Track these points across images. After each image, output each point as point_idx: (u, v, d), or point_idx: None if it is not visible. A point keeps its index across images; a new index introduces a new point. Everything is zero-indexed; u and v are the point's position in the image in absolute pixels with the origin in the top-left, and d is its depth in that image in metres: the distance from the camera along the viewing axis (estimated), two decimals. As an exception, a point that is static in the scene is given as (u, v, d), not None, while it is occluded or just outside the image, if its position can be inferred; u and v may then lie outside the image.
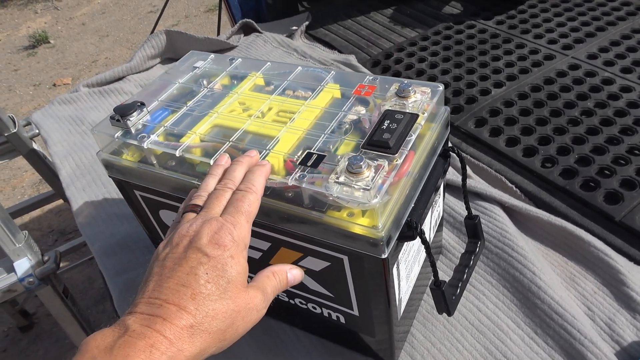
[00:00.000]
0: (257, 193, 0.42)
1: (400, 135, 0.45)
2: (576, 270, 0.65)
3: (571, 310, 0.58)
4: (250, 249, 0.54)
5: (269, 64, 0.61)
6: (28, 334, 1.70)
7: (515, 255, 0.64)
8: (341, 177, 0.43)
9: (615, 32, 1.06)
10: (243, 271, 0.39)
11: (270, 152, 0.48)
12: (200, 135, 0.52)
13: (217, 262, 0.37)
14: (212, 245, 0.37)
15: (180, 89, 0.60)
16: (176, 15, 3.50)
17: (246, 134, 0.51)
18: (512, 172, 0.81)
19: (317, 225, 0.44)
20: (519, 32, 1.12)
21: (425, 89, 0.51)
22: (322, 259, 0.48)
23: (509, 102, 0.92)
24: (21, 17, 3.90)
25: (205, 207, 0.41)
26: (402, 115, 0.47)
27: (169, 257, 0.38)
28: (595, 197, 0.73)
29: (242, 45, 1.25)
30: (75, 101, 1.16)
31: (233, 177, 0.44)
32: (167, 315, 0.34)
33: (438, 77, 1.02)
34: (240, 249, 0.39)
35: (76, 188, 0.91)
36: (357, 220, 0.43)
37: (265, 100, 0.55)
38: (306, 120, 0.51)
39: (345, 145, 0.48)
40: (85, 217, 0.86)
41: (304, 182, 0.44)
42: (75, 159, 0.98)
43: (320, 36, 1.26)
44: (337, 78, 0.57)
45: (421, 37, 1.17)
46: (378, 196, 0.41)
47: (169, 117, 0.55)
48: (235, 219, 0.40)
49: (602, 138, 0.82)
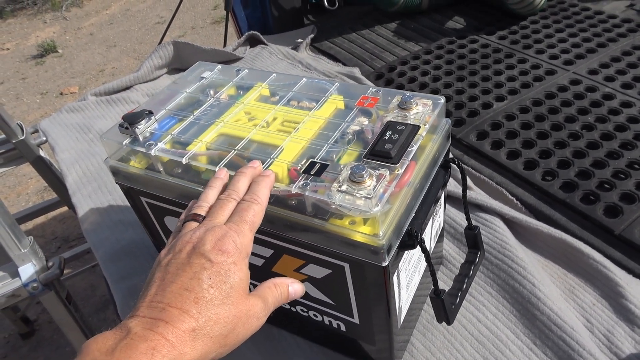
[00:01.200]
0: (262, 204, 0.43)
1: (401, 146, 0.47)
2: (575, 282, 0.65)
3: (570, 322, 0.59)
4: (252, 256, 0.55)
5: (274, 75, 0.62)
6: (29, 340, 1.70)
7: (515, 267, 0.65)
8: (343, 185, 0.44)
9: (616, 49, 1.07)
10: (245, 278, 0.39)
11: (275, 161, 0.49)
12: (206, 144, 0.53)
13: (220, 267, 0.38)
14: (215, 251, 0.38)
15: (187, 99, 0.61)
16: (183, 26, 3.55)
17: (251, 142, 0.52)
18: (513, 184, 0.82)
19: (320, 233, 0.45)
20: (521, 47, 1.13)
21: (427, 102, 0.52)
22: (323, 266, 0.49)
23: (510, 116, 0.94)
24: (30, 27, 3.96)
25: (209, 216, 0.42)
26: (403, 126, 0.48)
27: (172, 263, 0.38)
28: (595, 210, 0.74)
29: (247, 57, 1.27)
30: (83, 109, 1.17)
31: (237, 187, 0.44)
32: (170, 319, 0.34)
33: (440, 90, 1.04)
34: (243, 256, 0.40)
35: (82, 195, 0.93)
36: (359, 229, 0.44)
37: (270, 110, 0.57)
38: (310, 130, 0.52)
39: (348, 155, 0.49)
40: (90, 223, 0.87)
41: (307, 190, 0.45)
42: (82, 166, 1.00)
43: (325, 49, 1.28)
44: (341, 89, 0.58)
45: (425, 51, 1.18)
46: (379, 205, 0.42)
47: (176, 126, 0.57)
48: (239, 227, 0.41)
49: (602, 152, 0.82)
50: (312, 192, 0.44)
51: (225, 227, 0.40)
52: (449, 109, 0.98)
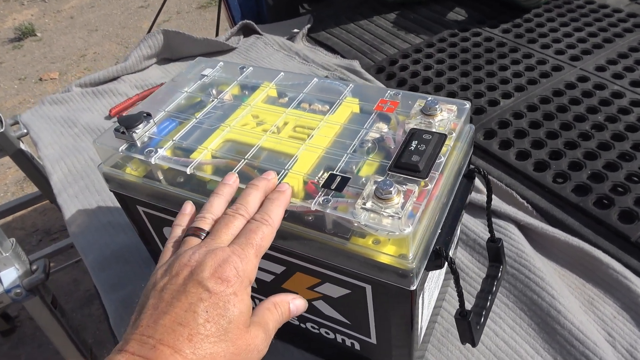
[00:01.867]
0: (273, 226, 0.39)
1: (429, 158, 0.43)
2: (594, 293, 0.63)
3: (592, 337, 0.56)
4: (261, 272, 0.51)
5: (282, 74, 0.58)
6: (10, 338, 1.64)
7: (533, 277, 0.62)
8: (368, 202, 0.40)
9: (623, 44, 1.04)
10: (246, 310, 0.35)
11: (289, 172, 0.45)
12: (211, 151, 0.48)
13: (218, 299, 0.34)
14: (214, 279, 0.34)
15: (187, 99, 0.56)
16: (168, 11, 3.43)
17: (261, 150, 0.48)
18: (523, 186, 0.79)
19: (340, 253, 0.42)
20: (526, 41, 1.10)
21: (451, 107, 0.48)
22: (341, 286, 0.46)
23: (518, 114, 0.90)
24: (7, 9, 3.79)
25: (212, 234, 0.38)
26: (430, 135, 0.45)
27: (167, 288, 0.34)
28: (610, 215, 0.71)
29: (241, 47, 1.21)
30: (67, 101, 1.11)
31: (247, 202, 0.40)
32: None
33: (445, 85, 1.00)
34: (245, 285, 0.36)
35: (68, 195, 0.87)
36: (384, 249, 0.40)
37: (280, 114, 0.52)
38: (325, 138, 0.48)
39: (369, 166, 0.45)
40: (78, 226, 0.82)
41: (329, 207, 0.41)
42: (67, 163, 0.94)
43: (322, 40, 1.23)
44: (356, 92, 0.54)
45: (426, 43, 1.14)
46: (411, 225, 0.38)
47: (177, 130, 0.52)
48: (245, 251, 0.36)
49: (614, 154, 0.80)
50: (334, 210, 0.40)
51: (228, 250, 0.36)
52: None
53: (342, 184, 0.42)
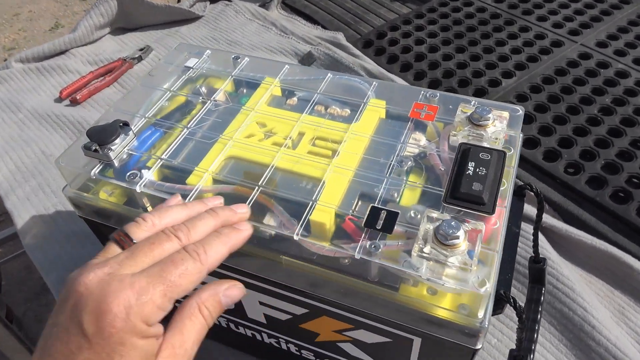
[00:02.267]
0: (204, 265, 0.30)
1: (492, 185, 0.35)
2: (624, 301, 0.58)
3: (630, 354, 0.52)
4: (273, 310, 0.43)
5: (287, 67, 0.48)
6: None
7: (562, 287, 0.57)
8: (426, 247, 0.32)
9: (622, 17, 0.99)
10: (140, 358, 0.27)
11: (317, 204, 0.36)
12: (212, 174, 0.39)
13: (101, 349, 0.26)
14: (94, 322, 0.26)
15: (171, 99, 0.45)
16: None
17: (276, 172, 0.39)
18: (534, 178, 0.73)
19: (386, 304, 0.34)
20: (520, 13, 1.02)
21: (503, 114, 0.40)
22: (380, 334, 0.38)
23: (522, 96, 0.84)
24: None
25: (131, 251, 0.30)
26: (488, 154, 0.37)
27: (59, 321, 0.27)
28: (629, 211, 0.67)
29: (208, 16, 1.07)
30: (6, 80, 0.95)
31: (194, 226, 0.32)
32: None
33: (440, 63, 0.92)
34: (137, 330, 0.27)
35: (18, 197, 0.74)
36: (443, 302, 0.33)
37: (292, 121, 0.42)
38: (355, 155, 0.39)
39: (410, 191, 0.37)
40: (34, 237, 0.69)
41: (378, 255, 0.32)
42: (13, 158, 0.80)
43: (299, 7, 1.11)
44: (380, 91, 0.45)
45: (415, 14, 1.05)
46: (489, 282, 0.30)
47: (163, 142, 0.42)
48: (149, 287, 0.28)
49: (626, 141, 0.75)
50: (385, 258, 0.32)
51: (127, 282, 0.27)
52: (453, 86, 0.87)
53: (391, 221, 0.34)
